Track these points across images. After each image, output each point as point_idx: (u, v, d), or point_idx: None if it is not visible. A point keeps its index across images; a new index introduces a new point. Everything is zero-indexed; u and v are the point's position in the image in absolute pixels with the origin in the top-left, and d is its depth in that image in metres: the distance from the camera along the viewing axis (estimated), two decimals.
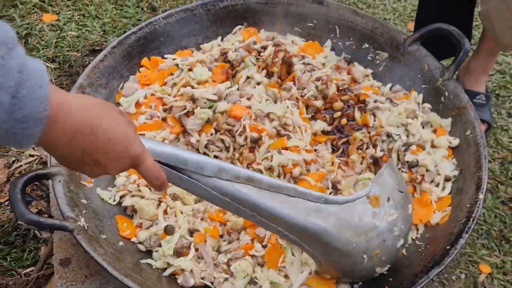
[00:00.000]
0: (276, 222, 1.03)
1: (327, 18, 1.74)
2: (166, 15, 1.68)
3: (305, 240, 1.08)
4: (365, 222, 1.08)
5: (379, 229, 1.09)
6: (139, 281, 1.09)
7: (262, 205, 1.00)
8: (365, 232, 1.08)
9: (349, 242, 1.07)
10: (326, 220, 1.04)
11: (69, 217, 1.17)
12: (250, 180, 1.00)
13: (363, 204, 1.09)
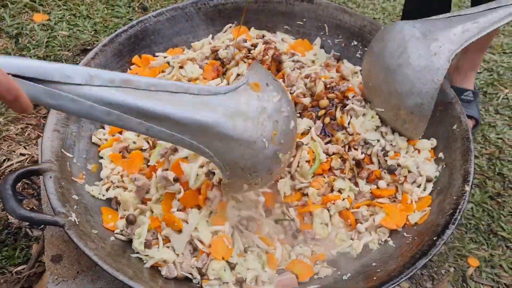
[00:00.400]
0: (166, 124, 0.97)
1: (317, 16, 1.76)
2: (157, 14, 1.69)
3: (202, 139, 1.03)
4: (253, 106, 1.06)
5: (268, 110, 1.08)
6: (130, 275, 1.09)
7: (144, 106, 0.92)
8: (256, 116, 1.06)
9: (245, 128, 1.04)
10: (215, 111, 1.01)
11: (60, 213, 1.18)
12: (126, 82, 0.92)
13: (246, 91, 1.07)
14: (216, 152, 1.06)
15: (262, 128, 1.06)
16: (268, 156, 1.10)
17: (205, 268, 1.21)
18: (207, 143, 1.04)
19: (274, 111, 1.09)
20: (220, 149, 1.05)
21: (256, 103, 1.07)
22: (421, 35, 1.33)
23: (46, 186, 1.23)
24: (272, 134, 1.08)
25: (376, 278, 1.12)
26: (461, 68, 2.02)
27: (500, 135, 2.07)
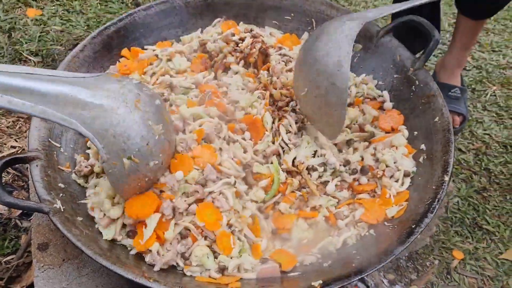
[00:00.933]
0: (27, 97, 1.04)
1: (304, 11, 1.78)
2: (146, 7, 1.71)
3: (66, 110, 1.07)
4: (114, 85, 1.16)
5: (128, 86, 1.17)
6: (113, 260, 1.11)
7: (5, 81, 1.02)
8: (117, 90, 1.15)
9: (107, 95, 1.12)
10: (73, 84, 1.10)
11: (45, 200, 1.19)
12: None
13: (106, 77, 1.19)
14: (83, 121, 1.09)
15: (123, 97, 1.14)
16: (136, 121, 1.14)
17: (188, 253, 1.23)
18: (71, 113, 1.08)
19: (135, 87, 1.19)
20: (86, 118, 1.09)
21: (116, 84, 1.17)
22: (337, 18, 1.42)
23: (32, 174, 1.24)
24: (135, 101, 1.15)
25: (355, 264, 1.14)
26: (447, 66, 2.05)
27: (487, 131, 2.09)
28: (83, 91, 1.09)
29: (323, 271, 1.19)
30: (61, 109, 1.06)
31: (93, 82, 1.13)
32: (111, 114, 1.11)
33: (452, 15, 2.68)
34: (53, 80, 1.08)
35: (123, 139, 1.13)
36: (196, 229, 1.25)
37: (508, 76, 2.35)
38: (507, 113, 2.18)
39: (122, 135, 1.12)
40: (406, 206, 1.30)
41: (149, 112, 1.18)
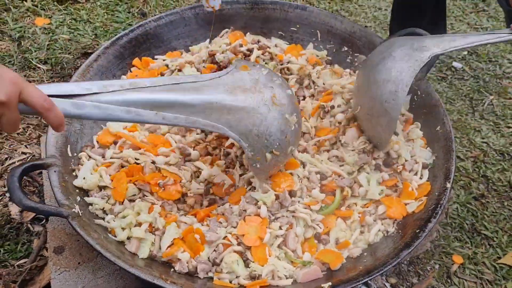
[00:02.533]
0: (178, 110, 1.12)
1: (310, 22, 1.84)
2: (156, 18, 1.76)
3: (213, 117, 1.17)
4: (247, 80, 1.26)
5: (261, 80, 1.28)
6: (130, 263, 1.15)
7: (157, 99, 1.10)
8: (253, 86, 1.25)
9: (246, 98, 1.22)
10: (216, 89, 1.20)
11: (64, 205, 1.24)
12: (134, 84, 1.10)
13: (237, 72, 1.28)
14: (229, 125, 1.18)
15: (261, 95, 1.24)
16: (276, 117, 1.24)
17: (219, 259, 1.26)
18: (218, 119, 1.17)
19: (267, 80, 1.28)
20: (232, 121, 1.19)
21: (248, 77, 1.26)
22: (409, 39, 1.40)
23: (51, 179, 1.29)
24: (272, 97, 1.24)
25: (362, 267, 1.19)
26: None
27: (485, 139, 2.15)
28: (226, 96, 1.19)
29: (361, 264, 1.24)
30: (208, 116, 1.16)
31: (231, 83, 1.23)
32: (254, 115, 1.21)
33: (450, 26, 2.75)
34: (196, 88, 1.17)
35: (266, 136, 1.23)
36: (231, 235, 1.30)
37: (505, 86, 2.41)
38: (504, 122, 2.24)
39: (265, 132, 1.23)
40: (426, 201, 1.35)
41: (284, 105, 1.27)
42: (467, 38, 1.34)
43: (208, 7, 1.57)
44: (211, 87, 1.19)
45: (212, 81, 1.21)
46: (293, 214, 1.34)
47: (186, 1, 2.70)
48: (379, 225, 1.36)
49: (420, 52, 1.31)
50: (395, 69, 1.30)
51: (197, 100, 1.15)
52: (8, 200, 1.74)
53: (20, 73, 2.16)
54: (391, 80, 1.29)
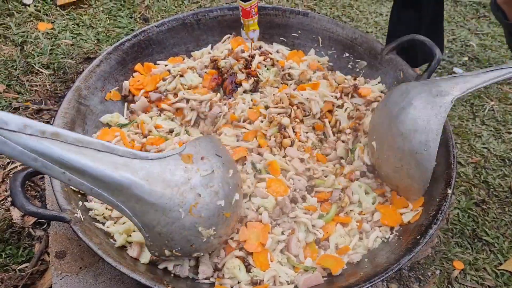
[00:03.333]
0: (86, 178, 1.03)
1: (311, 28, 1.85)
2: (159, 24, 1.77)
3: (120, 198, 1.08)
4: (177, 175, 1.11)
5: (192, 182, 1.12)
6: (132, 268, 1.16)
7: (68, 158, 0.99)
8: (177, 185, 1.11)
9: (162, 195, 1.09)
10: (135, 173, 1.06)
11: (66, 209, 1.24)
12: (55, 135, 1.00)
13: (175, 160, 1.13)
14: (134, 212, 1.10)
15: (181, 198, 1.11)
16: (185, 227, 1.13)
17: (221, 264, 1.27)
18: (125, 202, 1.09)
19: (199, 184, 1.13)
20: (137, 210, 1.10)
21: (181, 173, 1.12)
22: (423, 84, 1.36)
23: (53, 184, 1.29)
24: (192, 206, 1.12)
25: (363, 273, 1.19)
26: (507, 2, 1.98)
27: (486, 145, 2.16)
28: (140, 185, 1.07)
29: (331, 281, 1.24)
30: (116, 196, 1.07)
31: (157, 172, 1.10)
32: (161, 215, 1.10)
33: (451, 32, 2.76)
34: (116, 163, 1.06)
35: (167, 239, 1.14)
36: (232, 241, 1.31)
37: (505, 91, 2.42)
38: (505, 128, 2.25)
39: (167, 235, 1.13)
40: (422, 211, 1.36)
41: (203, 218, 1.14)
42: (479, 78, 1.32)
43: (247, 38, 1.69)
44: (132, 169, 1.06)
45: (138, 161, 1.08)
46: (295, 220, 1.34)
47: (188, 7, 2.72)
48: (377, 231, 1.37)
49: (441, 98, 1.27)
50: (420, 118, 1.26)
51: (108, 178, 1.04)
52: (10, 204, 1.74)
53: (22, 77, 2.17)
54: (419, 130, 1.25)
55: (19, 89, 2.12)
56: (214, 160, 1.19)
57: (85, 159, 1.01)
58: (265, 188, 1.38)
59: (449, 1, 3.02)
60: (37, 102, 2.08)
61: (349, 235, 1.39)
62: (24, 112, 2.03)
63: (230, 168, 1.22)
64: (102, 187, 1.05)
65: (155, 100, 1.65)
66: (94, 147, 1.04)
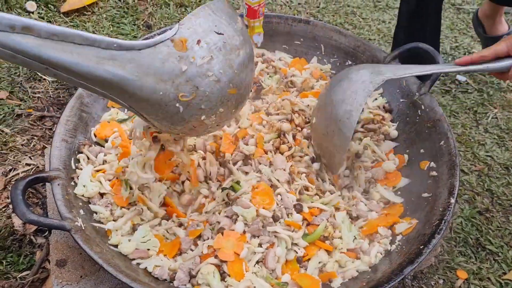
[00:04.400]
0: (73, 74, 0.93)
1: (314, 36, 1.85)
2: (162, 31, 1.78)
3: (111, 91, 0.99)
4: (170, 66, 0.99)
5: (188, 73, 1.00)
6: (132, 277, 1.15)
7: (46, 55, 0.89)
8: (171, 78, 0.99)
9: (154, 89, 0.99)
10: (123, 68, 0.95)
11: (67, 218, 1.24)
12: (27, 29, 0.88)
13: (167, 48, 0.99)
14: (129, 105, 1.03)
15: (176, 92, 1.01)
16: (185, 118, 1.05)
17: (195, 270, 1.27)
18: (118, 96, 1.01)
19: (196, 74, 1.01)
20: (133, 104, 1.03)
21: (174, 63, 0.99)
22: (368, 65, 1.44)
23: (54, 192, 1.29)
24: (188, 99, 1.02)
25: (366, 284, 1.18)
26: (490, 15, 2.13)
27: (489, 153, 2.15)
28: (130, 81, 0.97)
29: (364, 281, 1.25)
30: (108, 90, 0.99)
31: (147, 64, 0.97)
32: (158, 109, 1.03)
33: (454, 39, 2.76)
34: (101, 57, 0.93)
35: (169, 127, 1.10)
36: (207, 248, 1.30)
37: (509, 99, 2.41)
38: (509, 135, 2.23)
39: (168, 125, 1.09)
40: (415, 225, 1.35)
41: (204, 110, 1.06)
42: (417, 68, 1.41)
43: (252, 42, 1.55)
44: (118, 62, 0.95)
45: (126, 53, 0.95)
46: (275, 234, 1.33)
47: None
48: (377, 247, 1.36)
49: (375, 76, 1.34)
50: (350, 89, 1.33)
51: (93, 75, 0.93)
52: (12, 211, 1.74)
53: (25, 84, 2.18)
54: (346, 100, 1.32)
55: (22, 95, 2.13)
56: (214, 40, 1.03)
57: (64, 55, 0.90)
58: (249, 198, 1.37)
59: (452, 9, 3.02)
60: (39, 109, 2.08)
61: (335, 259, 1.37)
62: (26, 118, 2.03)
63: (235, 46, 1.07)
64: (91, 83, 0.96)
65: None
66: (72, 40, 0.91)
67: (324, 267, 1.33)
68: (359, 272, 1.32)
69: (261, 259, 1.31)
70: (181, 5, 2.77)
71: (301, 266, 1.33)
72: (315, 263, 1.33)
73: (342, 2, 2.99)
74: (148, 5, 2.75)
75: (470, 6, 3.02)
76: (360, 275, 1.29)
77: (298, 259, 1.33)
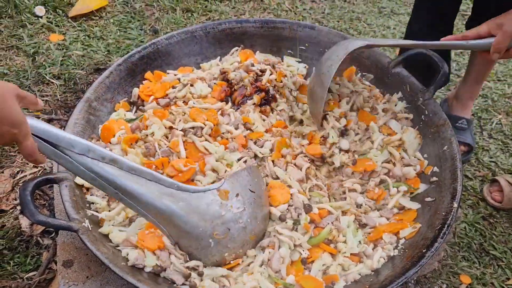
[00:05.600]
0: (135, 200, 1.20)
1: (319, 42, 1.86)
2: (168, 36, 1.80)
3: (160, 220, 1.24)
4: (212, 210, 1.25)
5: (225, 218, 1.26)
6: (138, 278, 1.17)
7: (121, 183, 1.17)
8: (211, 219, 1.25)
9: (197, 225, 1.24)
10: (176, 204, 1.22)
11: (74, 219, 1.26)
12: (113, 161, 1.17)
13: (213, 195, 1.26)
14: (170, 233, 1.28)
15: (212, 230, 1.26)
16: (212, 253, 1.28)
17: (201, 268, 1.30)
18: (165, 225, 1.25)
19: (230, 220, 1.27)
20: (174, 233, 1.27)
21: (216, 208, 1.26)
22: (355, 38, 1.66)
23: (62, 194, 1.31)
24: (220, 237, 1.27)
25: (368, 287, 1.19)
26: (461, 97, 2.14)
27: (493, 159, 2.15)
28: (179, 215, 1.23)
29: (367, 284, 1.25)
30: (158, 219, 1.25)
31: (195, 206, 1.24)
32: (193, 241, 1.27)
33: None
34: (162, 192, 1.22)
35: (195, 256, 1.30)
36: None
37: None
38: None
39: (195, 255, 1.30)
40: (419, 229, 1.36)
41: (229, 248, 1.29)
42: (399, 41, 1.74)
43: None
44: (174, 199, 1.22)
45: (181, 193, 1.24)
46: (277, 236, 1.35)
47: (197, 19, 2.75)
48: (380, 251, 1.36)
49: (358, 41, 1.56)
50: (335, 50, 1.55)
51: (153, 204, 1.20)
52: (19, 213, 1.76)
53: (34, 87, 2.21)
54: (329, 58, 1.53)
55: None
56: (247, 196, 1.32)
57: (136, 186, 1.18)
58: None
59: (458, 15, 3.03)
60: (47, 112, 2.11)
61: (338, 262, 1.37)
62: None
63: (261, 203, 1.36)
64: (147, 210, 1.22)
65: (164, 105, 1.67)
66: (145, 176, 1.20)
67: (328, 270, 1.34)
68: (362, 275, 1.33)
69: (267, 260, 1.33)
70: (188, 11, 2.80)
71: (305, 267, 1.34)
72: (319, 265, 1.34)
73: (347, 8, 3.01)
74: (155, 10, 2.78)
75: None
76: (362, 278, 1.30)
77: (302, 260, 1.35)
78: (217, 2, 2.91)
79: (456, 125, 2.10)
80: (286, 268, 1.32)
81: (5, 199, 1.81)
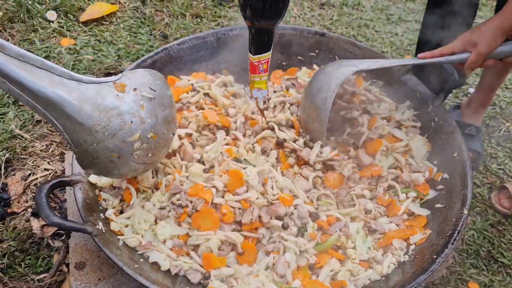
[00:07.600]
0: (23, 90, 1.10)
1: (328, 48, 1.88)
2: (180, 42, 1.82)
3: (51, 112, 1.15)
4: (107, 101, 1.19)
5: (120, 108, 1.20)
6: (152, 279, 1.18)
7: (8, 70, 1.06)
8: (106, 110, 1.18)
9: (90, 116, 1.17)
10: (68, 93, 1.14)
11: (88, 221, 1.28)
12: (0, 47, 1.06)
13: (109, 87, 1.21)
14: (64, 128, 1.18)
15: (107, 122, 1.19)
16: (109, 148, 1.21)
17: None
18: (57, 117, 1.16)
19: (126, 111, 1.21)
20: (67, 127, 1.18)
21: (111, 99, 1.20)
22: (343, 60, 1.63)
23: (76, 196, 1.33)
24: (115, 130, 1.20)
25: None
26: (472, 104, 2.14)
27: (501, 166, 2.16)
28: (71, 104, 1.14)
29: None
30: (49, 111, 1.15)
31: (89, 96, 1.17)
32: (87, 134, 1.18)
33: None
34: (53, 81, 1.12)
35: (93, 156, 1.22)
36: None
37: None
38: None
39: (93, 153, 1.21)
40: (429, 235, 1.37)
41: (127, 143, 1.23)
42: (381, 62, 1.58)
43: (251, 96, 1.57)
44: (66, 88, 1.14)
45: (74, 83, 1.15)
46: (282, 242, 1.36)
47: (206, 24, 2.78)
48: (390, 257, 1.37)
49: (346, 67, 1.50)
50: (325, 81, 1.50)
51: (43, 93, 1.11)
52: (30, 215, 1.78)
53: None
54: (322, 89, 1.48)
55: None
56: (147, 92, 1.26)
57: (24, 73, 1.08)
58: None
59: None
60: None
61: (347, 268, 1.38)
62: (45, 125, 2.08)
63: (162, 103, 1.30)
64: (37, 101, 1.12)
65: (177, 109, 1.69)
66: (34, 63, 1.10)
67: (336, 276, 1.35)
68: (371, 280, 1.33)
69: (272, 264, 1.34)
70: (197, 16, 2.83)
71: (313, 273, 1.35)
72: (327, 271, 1.35)
73: (355, 15, 3.03)
74: (164, 15, 2.81)
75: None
76: (372, 283, 1.31)
77: (310, 266, 1.35)
78: (226, 8, 2.93)
79: (465, 131, 2.10)
80: (293, 273, 1.33)
81: (16, 202, 1.83)
